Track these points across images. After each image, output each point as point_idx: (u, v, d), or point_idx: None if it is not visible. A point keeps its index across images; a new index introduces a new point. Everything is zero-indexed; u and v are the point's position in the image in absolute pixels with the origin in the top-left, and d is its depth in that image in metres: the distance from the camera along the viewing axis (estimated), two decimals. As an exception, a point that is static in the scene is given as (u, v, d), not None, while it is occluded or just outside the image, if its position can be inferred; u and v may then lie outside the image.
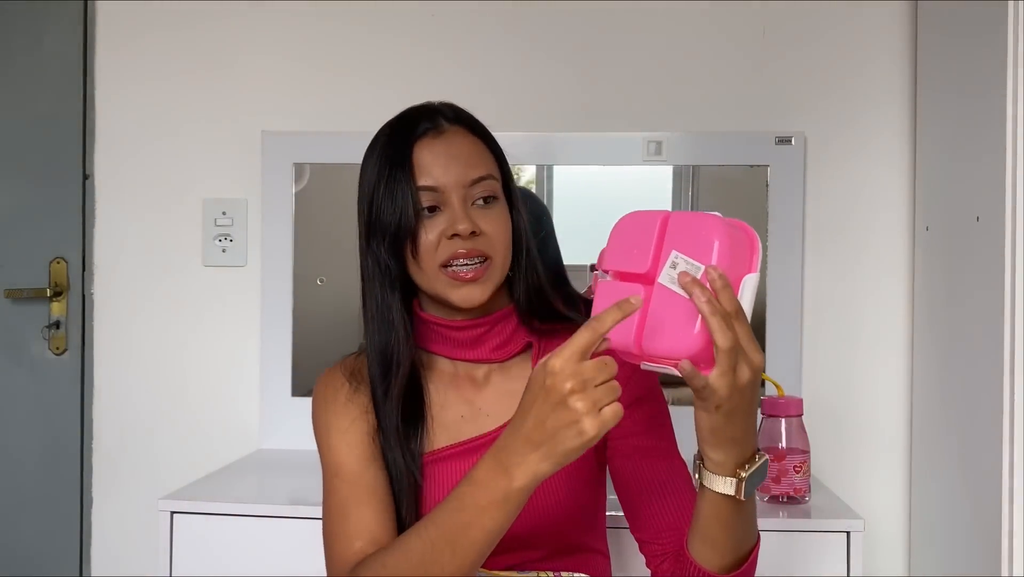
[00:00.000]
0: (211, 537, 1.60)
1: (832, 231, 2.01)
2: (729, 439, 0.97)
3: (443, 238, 1.13)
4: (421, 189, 1.13)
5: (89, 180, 2.12)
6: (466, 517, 0.96)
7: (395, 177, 1.13)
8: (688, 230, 0.94)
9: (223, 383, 2.09)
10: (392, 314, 1.17)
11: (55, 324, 2.12)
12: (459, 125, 1.17)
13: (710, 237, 0.92)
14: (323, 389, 1.23)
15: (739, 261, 0.94)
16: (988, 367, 1.54)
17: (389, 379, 1.17)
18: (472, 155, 1.16)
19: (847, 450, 2.00)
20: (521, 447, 0.92)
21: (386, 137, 1.18)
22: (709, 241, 0.92)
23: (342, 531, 1.13)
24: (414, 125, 1.16)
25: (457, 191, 1.13)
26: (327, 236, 2.06)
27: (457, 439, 1.19)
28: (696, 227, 0.94)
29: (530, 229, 1.23)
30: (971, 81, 1.66)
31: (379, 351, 1.18)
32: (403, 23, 2.07)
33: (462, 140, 1.16)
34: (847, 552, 1.53)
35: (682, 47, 2.04)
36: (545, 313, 1.21)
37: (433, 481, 1.17)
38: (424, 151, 1.14)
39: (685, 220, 0.96)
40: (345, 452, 1.17)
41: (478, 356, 1.21)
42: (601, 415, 0.88)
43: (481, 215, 1.14)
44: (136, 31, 2.11)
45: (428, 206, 1.13)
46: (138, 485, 2.08)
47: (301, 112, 2.08)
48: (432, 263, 1.14)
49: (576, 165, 2.05)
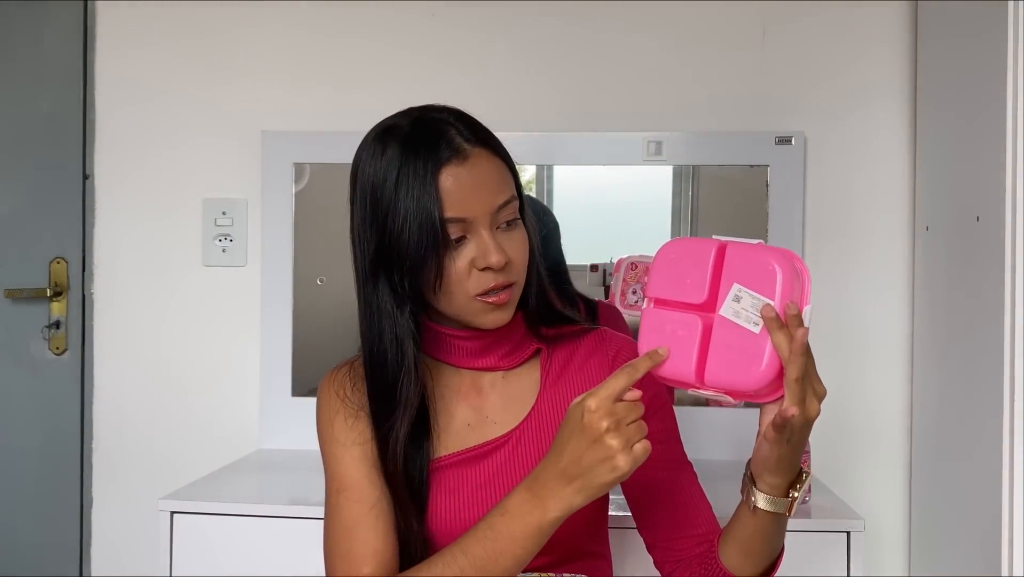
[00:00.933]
0: (211, 537, 1.60)
1: (832, 231, 2.01)
2: (789, 466, 1.04)
3: (474, 269, 1.10)
4: (449, 221, 1.07)
5: (89, 180, 2.12)
6: (499, 546, 1.01)
7: (422, 207, 1.07)
8: (747, 262, 0.96)
9: (223, 383, 2.09)
10: (404, 348, 1.12)
11: (55, 324, 2.12)
12: (481, 147, 1.11)
13: (771, 271, 0.94)
14: (329, 397, 1.20)
15: (796, 293, 0.95)
16: (988, 367, 1.54)
17: (393, 416, 1.13)
18: (497, 180, 1.11)
19: (847, 450, 2.00)
20: (556, 480, 0.98)
21: (400, 159, 1.09)
22: (771, 275, 0.94)
23: (348, 553, 1.11)
24: (434, 148, 1.09)
25: (485, 220, 1.09)
26: (327, 236, 2.06)
27: (463, 446, 1.17)
28: (755, 260, 0.95)
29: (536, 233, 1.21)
30: (971, 81, 1.66)
31: (387, 385, 1.13)
32: (403, 23, 2.07)
33: (487, 165, 1.11)
34: (847, 552, 1.53)
35: (682, 47, 2.04)
36: (551, 318, 1.21)
37: (440, 488, 1.15)
38: (450, 179, 1.07)
39: (742, 252, 0.97)
40: (351, 467, 1.15)
41: (486, 364, 1.19)
42: (633, 452, 0.95)
43: (506, 240, 1.11)
44: (136, 31, 2.12)
45: (455, 237, 1.09)
46: (138, 485, 2.08)
47: (301, 112, 2.08)
48: (462, 293, 1.11)
49: (576, 165, 2.05)
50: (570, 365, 1.22)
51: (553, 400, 1.19)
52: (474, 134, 1.11)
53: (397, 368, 1.12)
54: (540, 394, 1.19)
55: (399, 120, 1.14)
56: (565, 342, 1.22)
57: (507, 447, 1.16)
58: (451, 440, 1.17)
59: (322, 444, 1.19)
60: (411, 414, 1.13)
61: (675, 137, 2.00)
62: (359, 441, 1.15)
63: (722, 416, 1.96)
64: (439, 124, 1.11)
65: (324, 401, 1.20)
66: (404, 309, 1.12)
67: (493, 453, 1.16)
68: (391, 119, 1.15)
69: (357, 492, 1.13)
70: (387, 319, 1.12)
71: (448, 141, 1.09)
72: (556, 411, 1.19)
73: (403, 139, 1.10)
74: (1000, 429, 1.49)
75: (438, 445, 1.17)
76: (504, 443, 1.17)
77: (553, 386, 1.20)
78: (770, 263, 0.94)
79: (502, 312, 1.13)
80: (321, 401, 1.21)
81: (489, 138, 1.14)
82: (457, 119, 1.13)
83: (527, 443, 1.17)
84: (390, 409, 1.13)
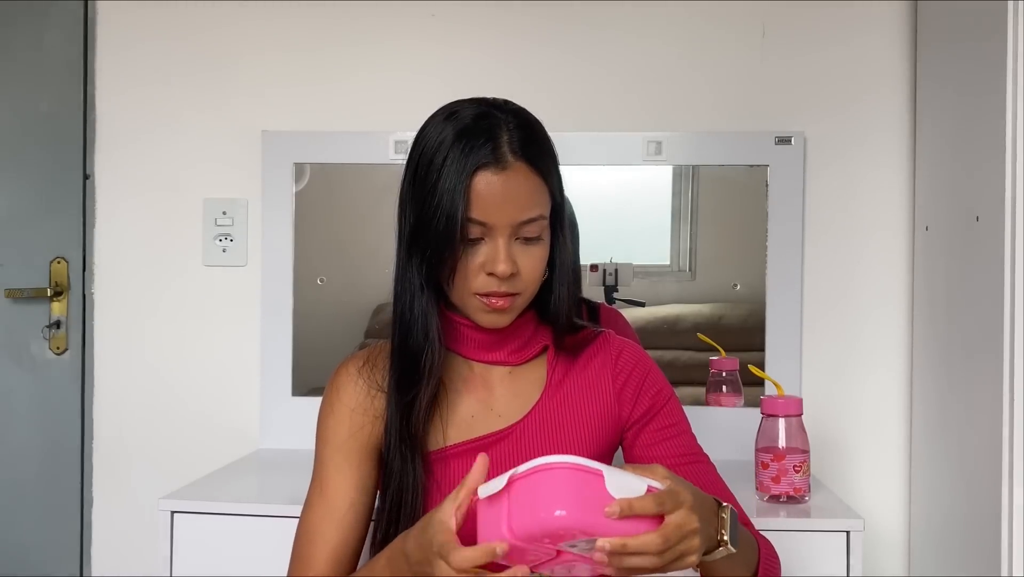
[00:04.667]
0: (211, 537, 1.60)
1: (832, 231, 2.01)
2: (707, 538, 0.99)
3: (482, 271, 1.14)
4: (471, 221, 1.11)
5: (89, 180, 2.12)
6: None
7: (452, 199, 1.10)
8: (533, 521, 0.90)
9: (223, 383, 2.09)
10: (429, 323, 1.17)
11: (55, 324, 2.12)
12: (523, 161, 1.13)
13: (556, 512, 0.89)
14: (331, 394, 1.23)
15: (590, 494, 0.91)
16: (988, 367, 1.54)
17: (417, 387, 1.17)
18: (529, 196, 1.13)
19: (847, 450, 2.00)
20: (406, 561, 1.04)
21: (450, 146, 1.13)
22: (557, 516, 0.89)
23: (307, 556, 1.19)
24: (480, 148, 1.12)
25: (504, 230, 1.12)
26: (327, 236, 2.06)
27: (468, 436, 1.20)
28: (537, 510, 0.90)
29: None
30: (971, 81, 1.66)
31: (411, 356, 1.18)
32: (403, 23, 2.07)
33: (522, 180, 1.13)
34: (847, 552, 1.53)
35: (682, 47, 2.04)
36: (564, 323, 1.24)
37: (443, 476, 1.19)
38: (482, 184, 1.11)
39: (523, 511, 0.91)
40: (333, 472, 1.20)
41: (496, 359, 1.23)
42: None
43: (521, 252, 1.14)
44: (136, 31, 2.11)
45: (473, 237, 1.12)
46: (138, 485, 2.08)
47: (301, 112, 2.08)
48: (466, 288, 1.15)
49: (576, 165, 2.04)
50: (575, 365, 1.25)
51: (557, 397, 1.23)
52: (522, 147, 1.13)
53: (423, 339, 1.16)
54: (545, 391, 1.23)
55: (466, 107, 1.17)
56: (571, 342, 1.25)
57: (509, 440, 1.20)
58: (455, 430, 1.21)
59: (316, 438, 1.24)
60: (435, 384, 1.17)
61: (675, 137, 2.00)
62: (348, 443, 1.20)
63: (723, 415, 1.97)
64: (494, 126, 1.14)
65: (326, 395, 1.24)
66: (429, 289, 1.16)
67: (495, 445, 1.19)
68: (462, 103, 1.19)
69: (328, 500, 1.20)
70: (417, 293, 1.16)
71: (495, 146, 1.12)
72: (559, 408, 1.22)
73: (460, 128, 1.14)
74: (1000, 429, 1.49)
75: (442, 435, 1.20)
76: (507, 436, 1.20)
77: (558, 384, 1.23)
78: (549, 508, 0.89)
79: (499, 316, 1.17)
80: (325, 394, 1.25)
81: (538, 154, 1.15)
82: (517, 126, 1.15)
83: (529, 437, 1.20)
84: (414, 379, 1.17)
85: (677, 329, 2.02)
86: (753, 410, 1.72)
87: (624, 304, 2.01)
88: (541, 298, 1.21)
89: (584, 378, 1.24)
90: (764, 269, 1.99)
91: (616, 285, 2.02)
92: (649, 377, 1.25)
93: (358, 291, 2.06)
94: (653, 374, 1.26)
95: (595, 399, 1.23)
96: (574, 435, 1.21)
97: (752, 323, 2.00)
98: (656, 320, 2.03)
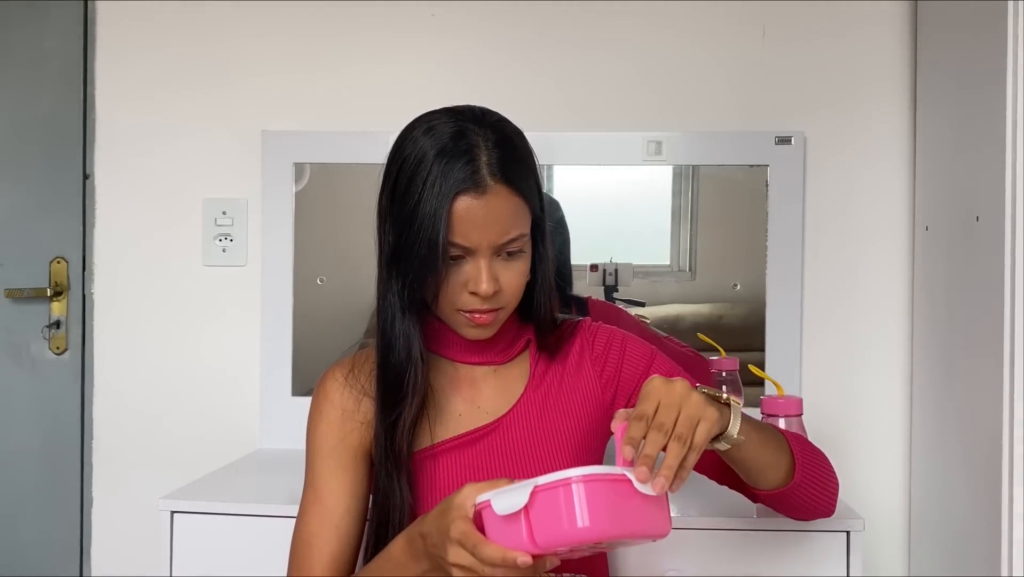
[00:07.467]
0: (211, 537, 1.60)
1: (832, 231, 2.01)
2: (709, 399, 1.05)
3: (464, 289, 1.14)
4: (452, 244, 1.12)
5: (89, 180, 2.12)
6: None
7: (433, 224, 1.10)
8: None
9: (223, 383, 2.09)
10: (412, 343, 1.18)
11: (55, 324, 2.12)
12: (502, 184, 1.12)
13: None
14: (320, 400, 1.25)
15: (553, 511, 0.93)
16: (988, 367, 1.54)
17: (401, 405, 1.18)
18: (509, 218, 1.13)
19: (847, 450, 1.99)
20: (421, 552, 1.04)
21: (428, 167, 1.12)
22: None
23: (306, 562, 1.20)
24: (458, 171, 1.11)
25: (486, 251, 1.13)
26: (327, 236, 2.06)
27: (455, 433, 1.23)
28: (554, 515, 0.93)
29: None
30: (971, 80, 1.66)
31: (395, 373, 1.19)
32: (403, 23, 2.07)
33: (502, 203, 1.12)
34: (847, 552, 1.53)
35: (682, 47, 2.04)
36: (546, 327, 1.26)
37: (433, 473, 1.20)
38: (462, 208, 1.11)
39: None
40: (327, 477, 1.22)
41: (482, 360, 1.25)
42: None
43: (503, 268, 1.15)
44: (136, 32, 2.11)
45: (454, 256, 1.13)
46: (138, 485, 2.08)
47: (301, 112, 2.08)
48: (449, 305, 1.16)
49: (576, 165, 2.05)
50: (557, 356, 1.27)
51: (540, 390, 1.25)
52: (501, 168, 1.12)
53: (406, 358, 1.18)
54: (529, 383, 1.25)
55: (444, 123, 1.15)
56: (553, 339, 1.28)
57: (496, 434, 1.22)
58: (442, 429, 1.22)
59: (306, 444, 1.25)
60: (419, 402, 1.18)
61: (675, 137, 2.00)
62: (339, 449, 1.22)
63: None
64: (473, 146, 1.12)
65: (315, 405, 1.26)
66: (411, 312, 1.18)
67: (482, 440, 1.22)
68: (438, 117, 1.16)
69: (324, 505, 1.21)
70: (398, 314, 1.18)
71: (474, 169, 1.11)
72: (543, 400, 1.25)
73: (438, 148, 1.12)
74: (1000, 429, 1.49)
75: (429, 434, 1.21)
76: (493, 430, 1.22)
77: (541, 376, 1.26)
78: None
79: (483, 330, 1.19)
80: (312, 401, 1.26)
81: (517, 174, 1.14)
82: (495, 144, 1.13)
83: (515, 430, 1.23)
84: (398, 396, 1.18)
85: (677, 329, 2.02)
86: (753, 410, 1.72)
87: (624, 304, 2.01)
88: (523, 301, 1.22)
89: (566, 368, 1.27)
90: (764, 269, 1.99)
91: (616, 285, 2.02)
92: (627, 351, 1.27)
93: (358, 291, 2.05)
94: (630, 346, 1.28)
95: (579, 387, 1.25)
96: (559, 425, 1.23)
97: (752, 323, 2.00)
98: (656, 320, 2.03)
